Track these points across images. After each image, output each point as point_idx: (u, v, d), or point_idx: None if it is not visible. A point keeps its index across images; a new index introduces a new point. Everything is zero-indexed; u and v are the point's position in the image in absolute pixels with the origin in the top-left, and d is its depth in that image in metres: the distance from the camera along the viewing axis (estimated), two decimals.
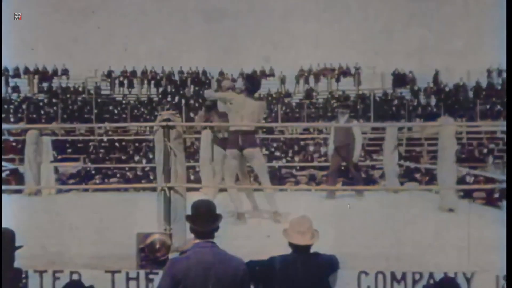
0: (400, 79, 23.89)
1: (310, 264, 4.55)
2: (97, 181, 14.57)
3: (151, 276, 5.49)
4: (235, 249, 4.50)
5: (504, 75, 22.65)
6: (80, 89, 24.86)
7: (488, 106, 22.49)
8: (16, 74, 24.97)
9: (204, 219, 4.37)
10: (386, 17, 21.97)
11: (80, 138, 19.79)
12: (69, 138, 19.31)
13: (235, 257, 4.38)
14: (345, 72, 24.85)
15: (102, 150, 20.02)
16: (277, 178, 15.07)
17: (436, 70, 24.02)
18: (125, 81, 25.11)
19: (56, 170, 12.14)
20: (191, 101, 23.91)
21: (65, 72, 24.96)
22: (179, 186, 6.39)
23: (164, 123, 6.38)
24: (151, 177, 14.99)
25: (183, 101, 23.75)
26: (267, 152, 19.58)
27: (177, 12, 22.57)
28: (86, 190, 12.36)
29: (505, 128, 18.75)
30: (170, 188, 6.34)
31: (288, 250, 4.63)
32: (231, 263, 4.32)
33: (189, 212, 4.49)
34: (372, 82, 23.96)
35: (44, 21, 20.28)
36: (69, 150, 19.33)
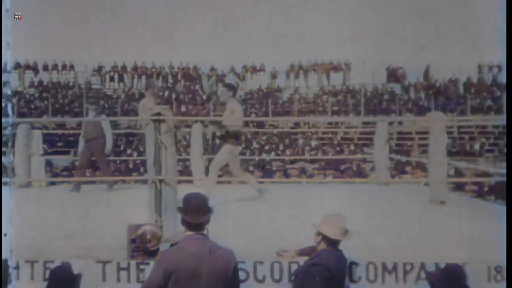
0: (393, 75, 23.92)
1: (346, 258, 4.87)
2: (88, 174, 14.47)
3: (142, 267, 5.50)
4: None
5: (495, 70, 22.85)
6: (71, 83, 24.76)
7: (478, 101, 22.59)
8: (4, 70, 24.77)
9: (196, 211, 4.35)
10: (378, 11, 21.98)
11: (71, 132, 19.66)
12: (60, 131, 19.24)
13: (226, 249, 4.37)
14: (335, 67, 24.85)
15: None
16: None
17: (427, 65, 24.04)
18: (115, 76, 25.02)
19: (49, 163, 12.09)
20: (181, 96, 23.89)
21: (55, 67, 24.83)
22: (170, 178, 6.39)
23: (155, 117, 6.39)
24: (142, 170, 14.98)
25: (173, 95, 23.72)
26: (257, 146, 19.63)
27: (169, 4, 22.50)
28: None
29: (495, 123, 18.90)
30: (161, 181, 6.34)
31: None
32: (222, 254, 4.31)
33: (180, 204, 4.48)
34: (362, 76, 23.98)
35: (35, 16, 20.16)
36: (60, 144, 19.25)
